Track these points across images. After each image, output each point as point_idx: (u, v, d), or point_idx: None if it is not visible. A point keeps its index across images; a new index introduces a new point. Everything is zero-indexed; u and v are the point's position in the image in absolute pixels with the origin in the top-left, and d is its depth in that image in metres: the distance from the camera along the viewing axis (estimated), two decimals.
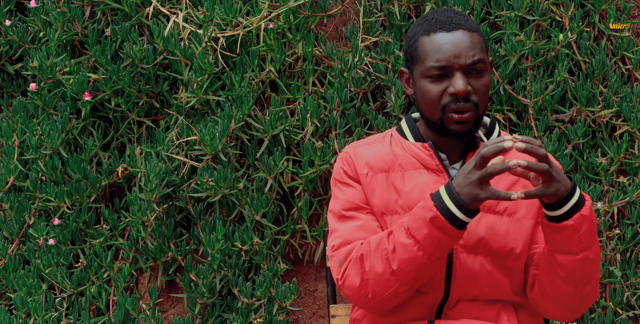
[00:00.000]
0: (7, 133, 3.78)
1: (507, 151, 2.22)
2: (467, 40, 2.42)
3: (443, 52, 2.41)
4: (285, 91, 3.71)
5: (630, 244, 3.64)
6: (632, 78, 3.75)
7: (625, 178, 3.65)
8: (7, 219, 3.76)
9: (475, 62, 2.41)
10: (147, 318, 3.63)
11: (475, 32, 2.44)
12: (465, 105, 2.40)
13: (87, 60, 3.80)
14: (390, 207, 2.45)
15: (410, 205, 2.43)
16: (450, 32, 2.42)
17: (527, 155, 2.34)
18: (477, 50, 2.42)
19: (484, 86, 2.42)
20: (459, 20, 2.44)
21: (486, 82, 2.43)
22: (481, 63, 2.41)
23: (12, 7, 3.92)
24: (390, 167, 2.49)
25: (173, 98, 3.74)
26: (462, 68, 2.40)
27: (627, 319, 3.60)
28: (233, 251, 3.62)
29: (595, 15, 3.72)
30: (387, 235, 2.34)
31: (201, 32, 3.68)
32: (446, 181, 2.45)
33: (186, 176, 3.68)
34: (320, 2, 3.71)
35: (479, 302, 2.41)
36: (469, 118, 2.41)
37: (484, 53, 2.45)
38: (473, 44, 2.42)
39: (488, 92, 2.44)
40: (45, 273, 3.68)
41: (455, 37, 2.42)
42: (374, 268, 2.33)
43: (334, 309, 2.80)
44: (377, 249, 2.33)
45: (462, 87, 2.39)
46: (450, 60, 2.40)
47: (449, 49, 2.41)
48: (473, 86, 2.41)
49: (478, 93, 2.42)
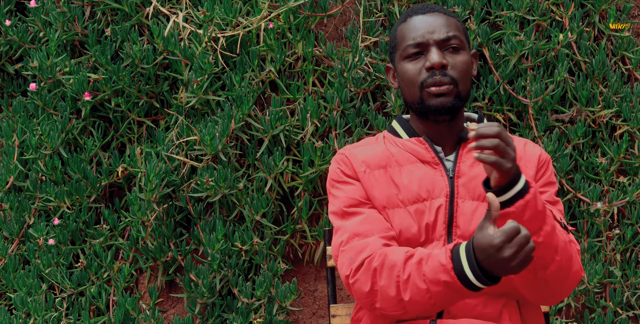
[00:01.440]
0: (7, 133, 3.78)
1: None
2: (442, 20, 2.47)
3: (418, 30, 2.46)
4: (285, 91, 3.71)
5: (630, 244, 3.64)
6: (632, 78, 3.75)
7: (625, 178, 3.65)
8: (7, 219, 3.76)
9: (449, 38, 2.44)
10: (147, 318, 3.63)
11: (453, 17, 2.49)
12: (442, 78, 2.43)
13: (87, 60, 3.80)
14: (392, 201, 2.46)
15: (410, 198, 2.45)
16: (425, 14, 2.49)
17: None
18: (453, 28, 2.46)
19: (461, 62, 2.45)
20: (436, 7, 2.51)
21: (464, 60, 2.45)
22: (456, 39, 2.45)
23: (12, 7, 3.92)
24: (387, 164, 2.50)
25: (173, 98, 3.74)
26: (437, 43, 2.44)
27: (627, 319, 3.60)
28: (233, 251, 3.62)
29: (595, 15, 3.72)
30: (403, 261, 2.32)
31: (201, 32, 3.68)
32: (442, 173, 2.47)
33: (186, 176, 3.68)
34: (320, 2, 3.71)
35: (484, 297, 2.41)
36: (447, 91, 2.43)
37: (461, 33, 2.48)
38: (448, 23, 2.47)
39: (468, 70, 2.46)
40: (45, 273, 3.68)
41: (429, 17, 2.47)
42: (385, 289, 2.33)
43: (334, 309, 2.81)
44: (391, 272, 2.31)
45: (437, 59, 2.42)
46: (425, 35, 2.44)
47: (424, 26, 2.46)
48: (450, 62, 2.44)
49: (455, 69, 2.44)
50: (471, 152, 2.49)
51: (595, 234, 3.63)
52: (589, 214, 3.61)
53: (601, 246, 3.63)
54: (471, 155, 2.48)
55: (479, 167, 2.47)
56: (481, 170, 2.47)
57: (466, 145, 2.50)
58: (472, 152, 2.48)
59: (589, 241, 3.63)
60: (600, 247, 3.63)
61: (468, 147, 2.45)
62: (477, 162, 2.46)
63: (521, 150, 2.52)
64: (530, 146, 2.55)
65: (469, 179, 2.47)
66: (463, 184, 2.47)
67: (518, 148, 2.51)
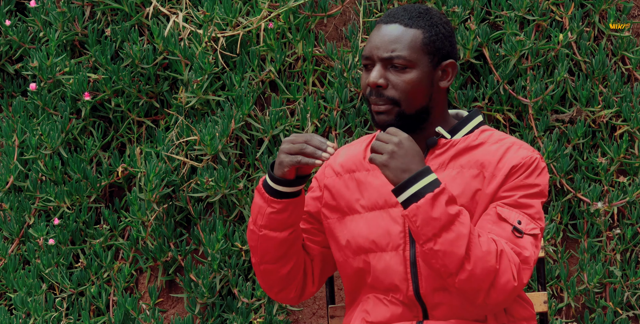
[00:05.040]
0: (7, 133, 3.78)
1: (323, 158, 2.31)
2: (394, 35, 2.39)
3: (370, 42, 2.43)
4: (285, 91, 3.71)
5: (630, 244, 3.64)
6: (632, 78, 3.74)
7: (625, 178, 3.65)
8: (7, 219, 3.76)
9: (392, 57, 2.39)
10: (147, 318, 3.63)
11: (414, 28, 2.40)
12: (377, 99, 2.41)
13: (87, 60, 3.80)
14: (352, 207, 2.46)
15: (369, 205, 2.44)
16: (386, 24, 2.42)
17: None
18: (402, 45, 2.38)
19: (404, 82, 2.39)
20: (400, 15, 2.42)
21: (409, 80, 2.38)
22: (399, 59, 2.38)
23: (12, 7, 3.92)
24: (357, 168, 2.49)
25: (173, 98, 3.74)
26: (380, 60, 2.40)
27: (627, 319, 3.60)
28: (233, 251, 3.62)
29: (595, 15, 3.72)
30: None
31: (201, 32, 3.68)
32: None
33: (186, 176, 3.68)
34: (320, 2, 3.71)
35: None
36: (385, 110, 2.40)
37: (413, 51, 2.39)
38: (399, 39, 2.39)
39: (414, 89, 2.38)
40: (45, 273, 3.68)
41: (385, 30, 2.41)
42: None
43: (333, 309, 2.80)
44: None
45: (372, 80, 2.39)
46: (372, 51, 2.41)
47: (374, 40, 2.42)
48: (391, 80, 2.39)
49: (397, 89, 2.39)
50: (437, 158, 2.45)
51: (595, 234, 3.63)
52: (589, 214, 3.61)
53: (601, 246, 3.63)
54: (437, 161, 2.44)
55: (443, 174, 2.43)
56: (444, 176, 2.42)
57: (434, 151, 2.46)
58: (439, 157, 2.45)
59: (589, 241, 3.63)
60: (600, 247, 3.63)
61: (435, 153, 2.44)
62: (443, 168, 2.43)
63: (495, 157, 2.43)
64: (509, 153, 2.44)
65: None
66: None
67: (492, 154, 2.43)
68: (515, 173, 2.40)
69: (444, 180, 2.39)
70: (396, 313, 2.42)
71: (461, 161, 2.42)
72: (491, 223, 2.36)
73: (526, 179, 2.40)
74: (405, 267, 2.39)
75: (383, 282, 2.42)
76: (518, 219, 2.36)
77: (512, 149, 2.43)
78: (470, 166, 2.41)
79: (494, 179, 2.39)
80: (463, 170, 2.41)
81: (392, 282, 2.40)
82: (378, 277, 2.42)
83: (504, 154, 2.42)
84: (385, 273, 2.41)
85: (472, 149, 2.42)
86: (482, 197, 2.39)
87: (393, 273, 2.40)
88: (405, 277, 2.39)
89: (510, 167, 2.40)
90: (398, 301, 2.42)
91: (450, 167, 2.42)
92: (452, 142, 2.43)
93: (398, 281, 2.40)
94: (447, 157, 2.42)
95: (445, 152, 2.43)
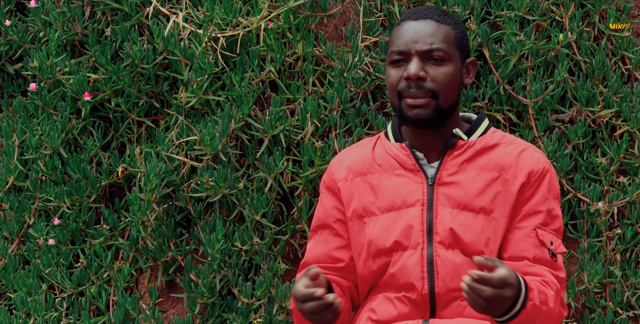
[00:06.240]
0: (7, 133, 3.78)
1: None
2: (430, 29, 2.44)
3: (403, 37, 2.44)
4: (285, 91, 3.71)
5: (630, 244, 3.64)
6: (632, 78, 3.74)
7: (625, 178, 3.65)
8: (7, 219, 3.76)
9: (432, 50, 2.42)
10: (147, 318, 3.63)
11: (445, 24, 2.45)
12: (417, 91, 2.42)
13: (87, 60, 3.80)
14: (368, 210, 2.47)
15: (386, 206, 2.45)
16: (416, 20, 2.46)
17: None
18: (439, 39, 2.43)
19: (443, 74, 2.42)
20: (430, 12, 2.46)
21: (447, 72, 2.42)
22: (439, 52, 2.42)
23: (12, 7, 3.92)
24: (368, 170, 2.50)
25: (173, 98, 3.74)
26: (418, 54, 2.42)
27: (627, 319, 3.60)
28: (233, 251, 3.62)
29: (595, 15, 3.72)
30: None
31: (201, 32, 3.68)
32: (422, 180, 2.47)
33: (186, 176, 3.68)
34: (320, 2, 3.71)
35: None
36: (423, 103, 2.42)
37: (449, 45, 2.44)
38: (435, 32, 2.43)
39: (451, 82, 2.43)
40: (45, 273, 3.68)
41: (418, 25, 2.44)
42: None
43: None
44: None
45: (414, 71, 2.41)
46: (408, 45, 2.43)
47: (409, 35, 2.44)
48: (430, 73, 2.42)
49: (436, 81, 2.42)
50: (455, 159, 2.47)
51: (595, 234, 3.63)
52: (589, 214, 3.61)
53: (601, 246, 3.64)
54: (455, 162, 2.47)
55: (462, 175, 2.46)
56: (464, 178, 2.45)
57: (452, 152, 2.48)
58: (457, 159, 2.47)
59: (589, 241, 3.63)
60: (600, 247, 3.63)
61: (454, 154, 2.46)
62: (462, 170, 2.46)
63: (513, 158, 2.48)
64: (526, 156, 2.50)
65: (451, 186, 2.46)
66: (444, 191, 2.46)
67: (510, 156, 2.48)
68: (535, 182, 2.47)
69: (465, 181, 2.43)
70: (403, 312, 2.43)
71: (479, 163, 2.46)
72: (534, 247, 2.44)
73: (545, 193, 2.49)
74: (422, 265, 2.41)
75: (399, 280, 2.44)
76: (551, 240, 2.44)
77: (527, 152, 2.50)
78: (490, 168, 2.45)
79: (516, 180, 2.46)
80: (483, 172, 2.45)
81: (408, 280, 2.42)
82: (394, 275, 2.44)
83: (520, 156, 2.49)
84: (402, 271, 2.43)
85: (488, 150, 2.46)
86: (504, 198, 2.44)
87: (410, 271, 2.42)
88: (422, 276, 2.41)
89: (527, 174, 2.46)
90: (407, 300, 2.43)
91: (470, 168, 2.45)
92: (469, 144, 2.47)
93: (414, 280, 2.42)
94: (465, 158, 2.46)
95: (463, 153, 2.47)
